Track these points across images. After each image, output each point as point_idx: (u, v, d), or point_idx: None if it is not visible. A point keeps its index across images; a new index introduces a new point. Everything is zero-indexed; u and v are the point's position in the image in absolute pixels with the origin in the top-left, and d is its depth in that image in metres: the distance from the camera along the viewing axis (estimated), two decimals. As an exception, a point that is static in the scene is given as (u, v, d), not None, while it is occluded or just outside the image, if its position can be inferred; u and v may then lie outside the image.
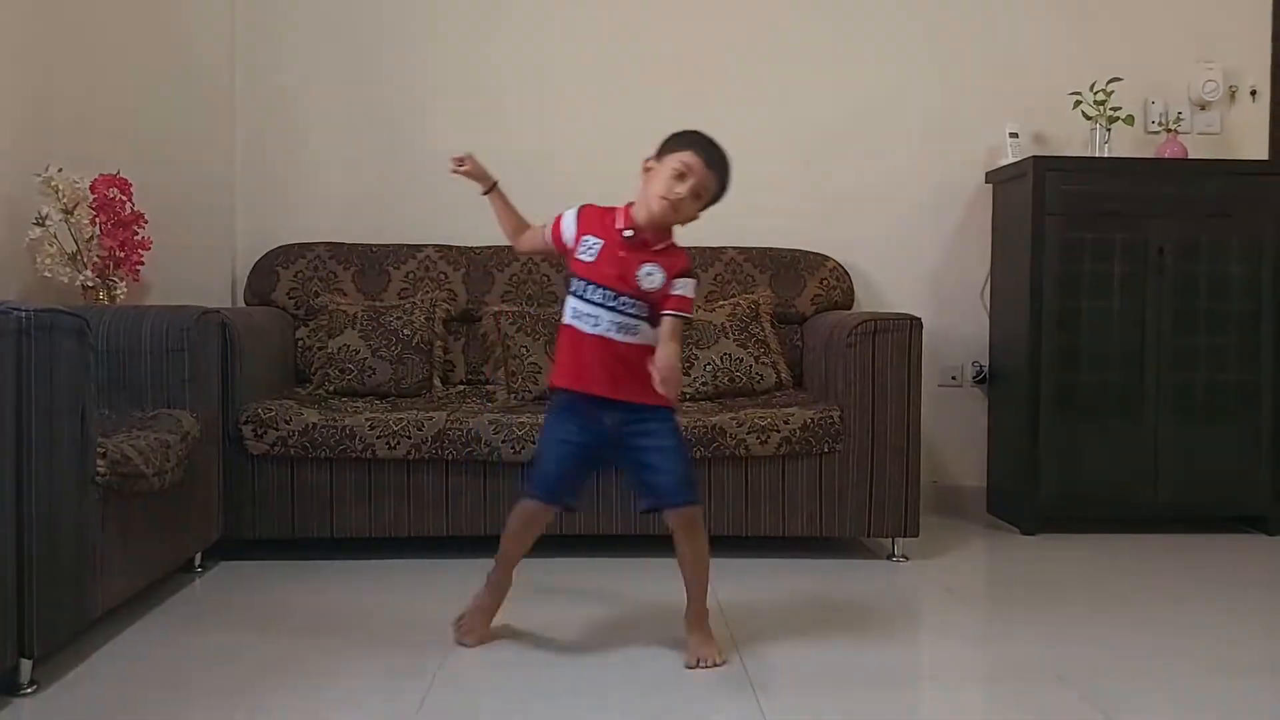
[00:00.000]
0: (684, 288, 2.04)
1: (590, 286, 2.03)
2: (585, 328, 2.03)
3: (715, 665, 2.07)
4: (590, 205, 2.11)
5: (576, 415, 2.07)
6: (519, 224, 2.20)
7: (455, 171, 2.17)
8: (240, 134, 3.51)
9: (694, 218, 2.08)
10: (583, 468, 2.12)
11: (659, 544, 2.71)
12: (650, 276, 2.03)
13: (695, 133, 2.07)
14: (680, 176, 2.01)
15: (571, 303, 2.07)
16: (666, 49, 3.57)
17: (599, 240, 2.05)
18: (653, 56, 3.57)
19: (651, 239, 2.05)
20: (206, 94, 3.46)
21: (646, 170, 2.07)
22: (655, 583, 2.39)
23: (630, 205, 2.07)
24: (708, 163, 2.03)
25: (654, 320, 2.04)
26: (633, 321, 2.03)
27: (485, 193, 2.19)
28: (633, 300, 2.02)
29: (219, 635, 2.29)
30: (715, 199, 2.08)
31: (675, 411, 2.12)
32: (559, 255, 2.16)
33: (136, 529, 2.25)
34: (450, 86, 3.57)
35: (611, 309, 2.02)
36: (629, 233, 2.03)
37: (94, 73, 3.39)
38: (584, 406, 2.06)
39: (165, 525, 2.41)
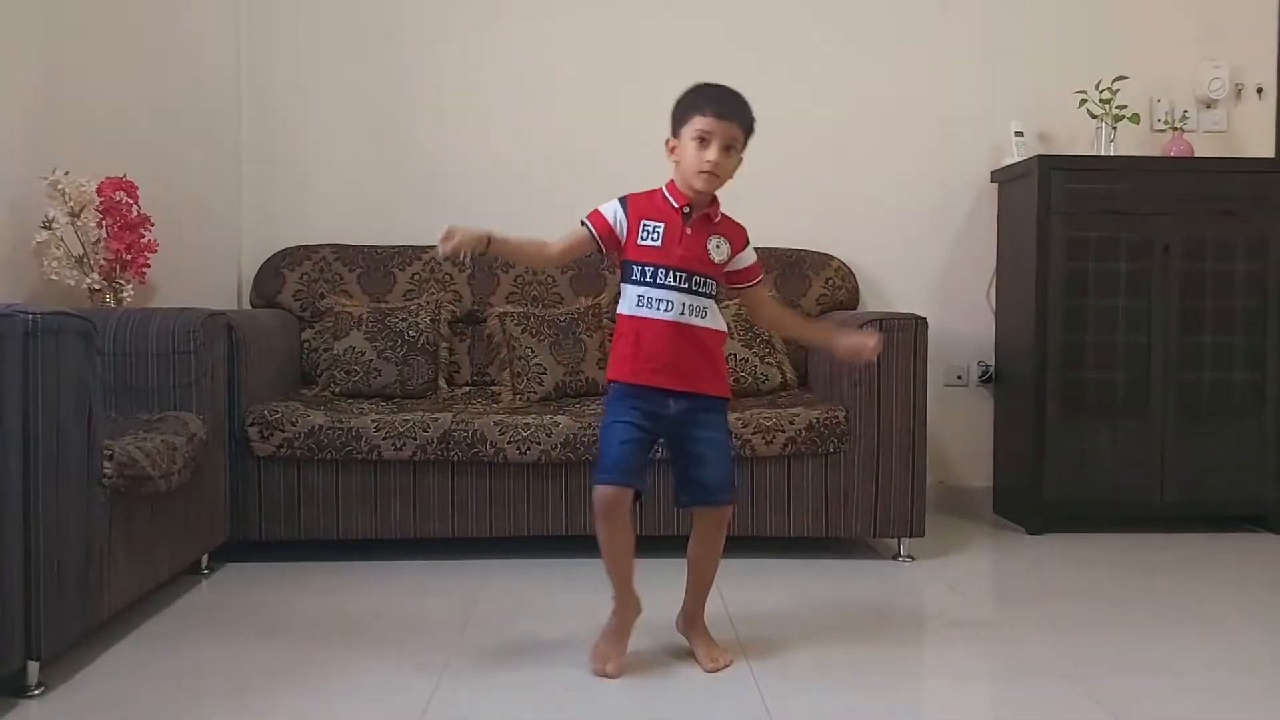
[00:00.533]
0: (751, 255, 2.11)
1: (661, 270, 1.98)
2: (656, 314, 1.98)
3: (728, 665, 2.08)
4: (631, 194, 2.06)
5: (640, 401, 2.01)
6: (536, 248, 2.09)
7: (446, 256, 1.97)
8: (246, 136, 3.52)
9: (738, 165, 2.04)
10: (644, 453, 2.05)
11: (659, 545, 2.71)
12: (719, 249, 2.03)
13: (695, 91, 2.02)
14: (703, 142, 1.97)
15: (635, 290, 2.00)
16: (672, 49, 3.57)
17: (659, 223, 2.01)
18: (658, 56, 3.56)
19: (711, 212, 2.04)
20: (212, 97, 3.47)
21: (671, 150, 2.03)
22: (657, 583, 2.38)
23: (670, 184, 2.04)
24: (721, 115, 1.98)
25: (718, 296, 2.05)
26: (704, 302, 2.01)
27: (484, 252, 2.02)
28: (705, 278, 2.01)
29: (226, 637, 2.30)
30: (749, 138, 2.05)
31: (729, 404, 2.11)
32: (606, 253, 2.10)
33: (143, 531, 2.25)
34: (456, 88, 3.58)
35: (686, 290, 1.99)
36: (688, 210, 2.01)
37: (100, 76, 3.40)
38: (648, 395, 2.01)
39: (172, 527, 2.41)
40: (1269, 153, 3.66)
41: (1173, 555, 3.09)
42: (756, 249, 2.12)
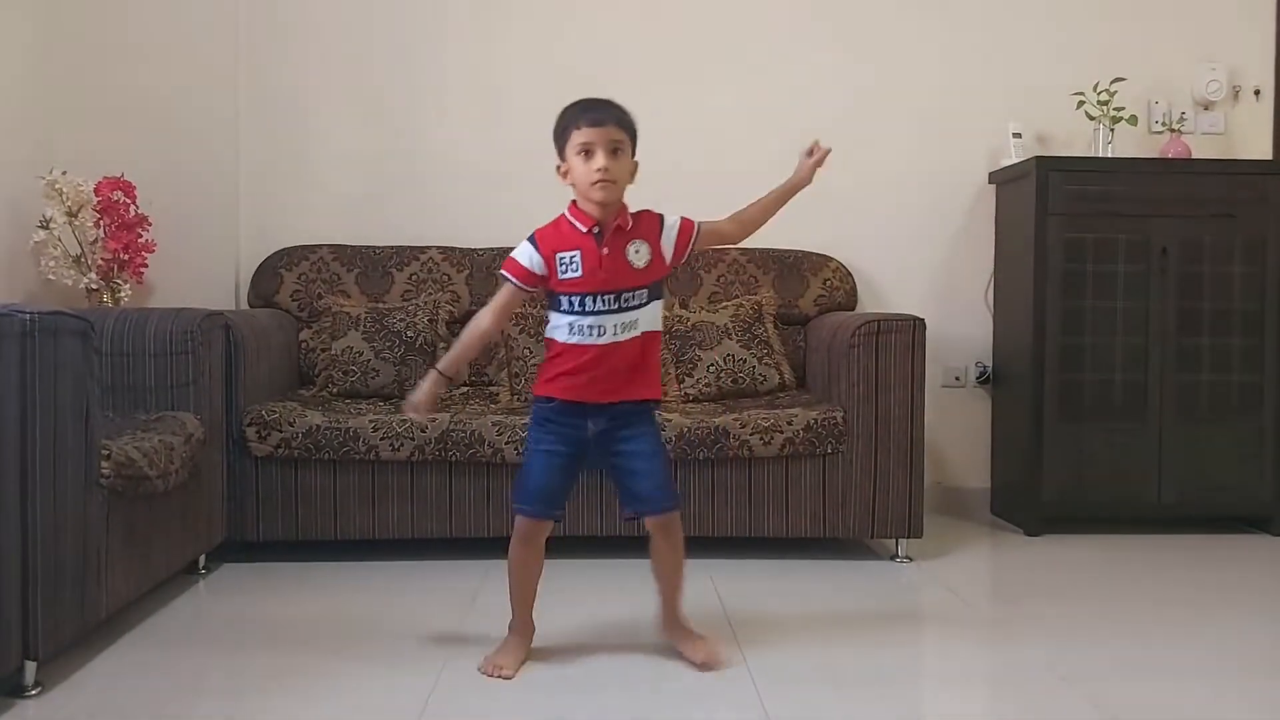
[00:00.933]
0: (671, 226, 2.05)
1: (588, 298, 1.98)
2: (589, 340, 1.99)
3: (719, 654, 2.08)
4: (537, 229, 2.05)
5: (560, 425, 2.04)
6: (477, 336, 2.10)
7: (414, 415, 2.17)
8: (244, 136, 3.52)
9: (635, 168, 2.03)
10: (569, 478, 2.09)
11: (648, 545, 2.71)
12: (639, 254, 2.01)
13: (565, 110, 2.02)
14: (587, 154, 1.96)
15: (565, 319, 2.00)
16: (671, 49, 3.57)
17: (573, 251, 1.99)
18: (658, 57, 3.57)
19: (620, 223, 2.01)
20: (211, 97, 3.47)
21: (564, 175, 2.02)
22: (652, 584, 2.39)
23: (572, 206, 2.03)
24: (595, 122, 1.97)
25: (651, 297, 2.02)
26: (634, 315, 2.00)
27: (450, 383, 2.10)
28: (634, 291, 2.00)
29: (222, 638, 2.29)
30: (634, 137, 2.02)
31: (659, 405, 2.10)
32: (532, 297, 2.13)
33: (140, 531, 2.25)
34: (455, 88, 3.58)
35: (616, 310, 1.99)
36: (596, 230, 1.99)
37: (98, 76, 3.41)
38: (568, 415, 2.03)
39: (169, 527, 2.41)
40: (1267, 154, 3.66)
41: (1170, 557, 3.09)
42: (756, 250, 2.13)
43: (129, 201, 3.19)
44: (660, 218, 2.07)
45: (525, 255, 2.04)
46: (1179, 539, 3.26)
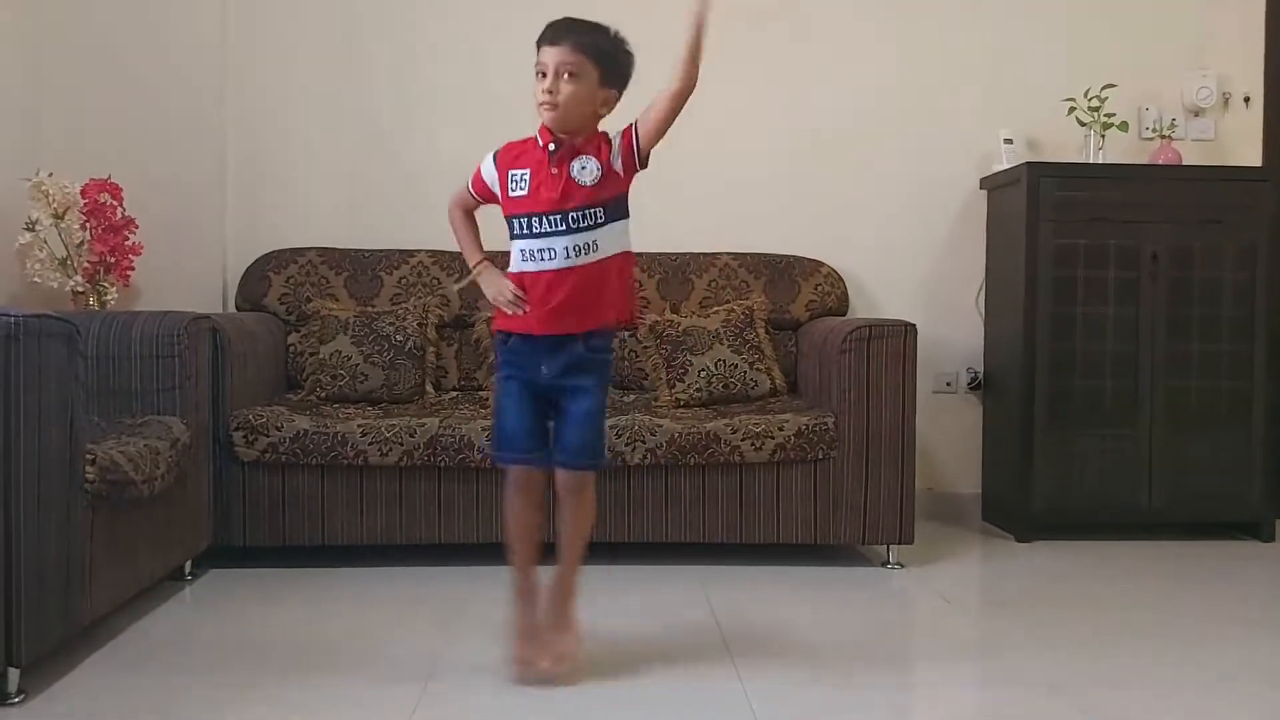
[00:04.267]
0: (616, 138, 1.95)
1: (535, 218, 1.93)
2: (540, 266, 1.93)
3: (563, 672, 1.98)
4: (508, 143, 2.02)
5: (517, 369, 1.99)
6: (463, 222, 2.14)
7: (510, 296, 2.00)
8: (231, 138, 3.50)
9: (601, 98, 1.95)
10: (537, 419, 2.01)
11: (649, 551, 2.70)
12: (584, 170, 1.93)
13: (540, 34, 1.97)
14: (541, 75, 1.92)
15: (519, 245, 1.96)
16: (662, 57, 3.55)
17: (525, 170, 1.96)
18: (648, 63, 3.55)
19: (577, 143, 1.94)
20: (198, 99, 3.45)
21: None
22: (648, 592, 2.38)
23: (542, 125, 1.97)
24: (550, 42, 1.92)
25: (612, 215, 1.94)
26: (590, 235, 1.92)
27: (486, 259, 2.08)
28: (584, 210, 1.92)
29: (208, 645, 2.27)
30: (606, 64, 1.95)
31: (632, 329, 2.04)
32: (485, 205, 2.07)
33: (126, 536, 2.23)
34: (442, 91, 3.56)
35: (567, 231, 1.91)
36: (553, 146, 1.94)
37: (85, 78, 3.38)
38: (526, 357, 1.98)
39: (155, 533, 2.39)
40: (1256, 161, 3.68)
41: (1160, 563, 3.09)
42: (747, 254, 2.10)
43: (116, 204, 3.16)
44: (605, 135, 1.98)
45: (486, 168, 2.04)
46: (1169, 545, 3.27)
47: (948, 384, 3.67)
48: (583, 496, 2.04)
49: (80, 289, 3.11)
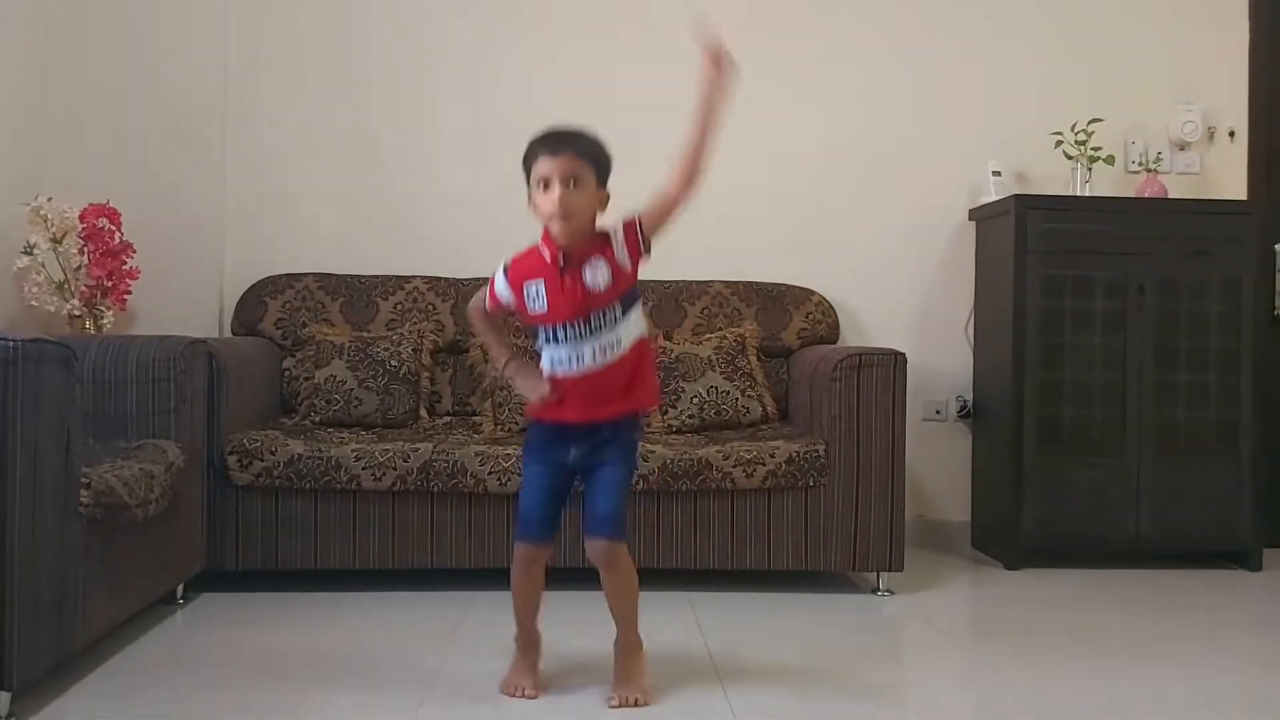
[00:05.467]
0: (618, 233, 1.96)
1: (557, 329, 1.98)
2: (571, 370, 1.99)
3: (636, 705, 2.01)
4: (514, 256, 2.06)
5: (547, 451, 2.05)
6: (488, 326, 2.17)
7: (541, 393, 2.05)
8: (230, 165, 3.53)
9: (599, 200, 1.98)
10: (558, 502, 2.08)
11: (640, 576, 2.69)
12: (596, 275, 1.96)
13: (533, 140, 1.99)
14: (545, 186, 1.94)
15: (547, 353, 2.02)
16: (654, 84, 3.60)
17: (539, 281, 1.99)
18: (642, 91, 3.59)
19: (586, 250, 1.97)
20: (197, 125, 3.49)
21: (532, 206, 1.99)
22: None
23: (545, 233, 2.00)
24: (553, 152, 1.94)
25: (627, 309, 1.98)
26: (613, 334, 1.97)
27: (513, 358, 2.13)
28: (604, 312, 1.97)
29: (199, 670, 2.27)
30: (600, 167, 1.97)
31: (647, 419, 2.10)
32: (512, 318, 2.15)
33: (119, 560, 2.23)
34: (441, 118, 3.60)
35: (590, 335, 1.97)
36: (562, 260, 1.97)
37: (85, 103, 3.42)
38: (554, 439, 2.04)
39: (148, 556, 2.39)
40: (1241, 194, 3.72)
41: (1149, 591, 3.10)
42: (739, 283, 2.11)
43: (114, 228, 3.18)
44: (607, 236, 1.99)
45: (499, 281, 2.07)
46: (1157, 574, 3.28)
47: (937, 412, 3.70)
48: (619, 568, 2.05)
49: (77, 313, 3.13)
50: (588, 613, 2.25)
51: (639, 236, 1.98)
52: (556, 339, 2.00)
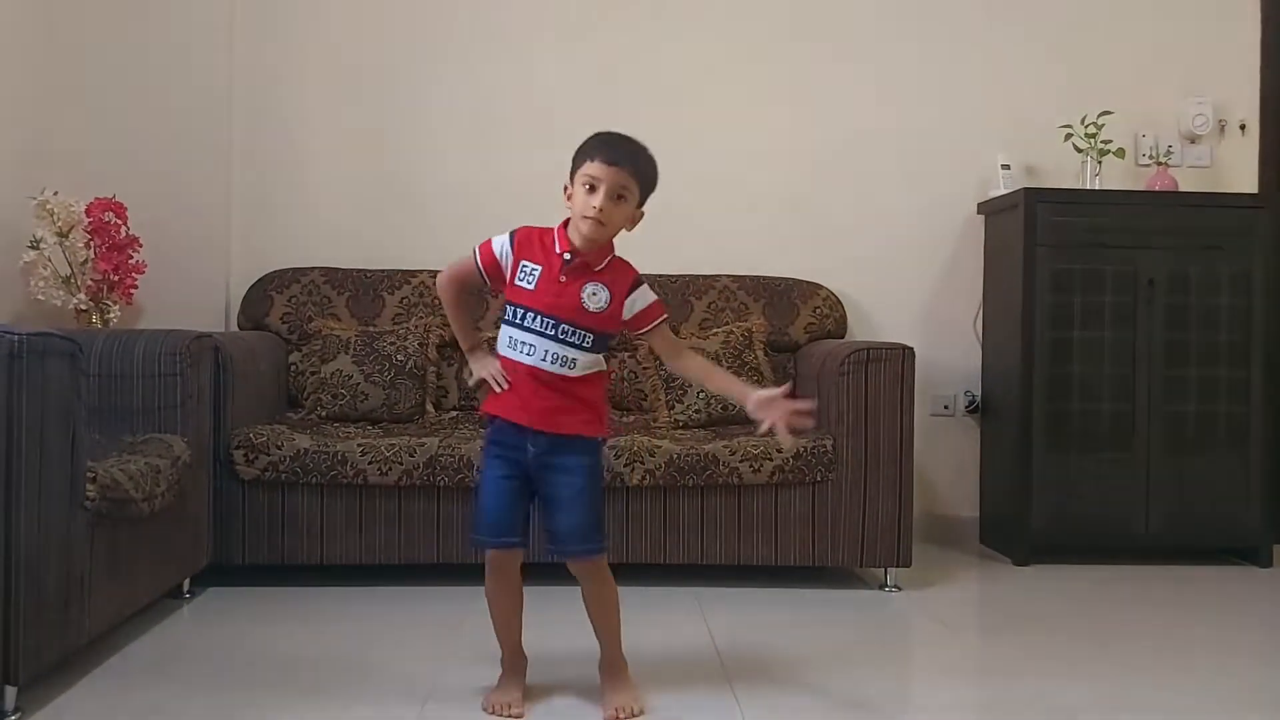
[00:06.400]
0: (646, 296, 1.98)
1: (529, 314, 1.93)
2: (521, 358, 1.93)
3: (634, 715, 1.96)
4: (525, 227, 2.01)
5: (504, 448, 1.98)
6: (452, 306, 2.14)
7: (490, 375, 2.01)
8: (237, 158, 3.52)
9: (634, 219, 1.97)
10: (518, 503, 1.99)
11: (647, 572, 2.70)
12: (595, 296, 1.93)
13: (596, 137, 1.97)
14: (591, 189, 1.91)
15: (507, 331, 1.96)
16: (662, 78, 3.60)
17: (537, 266, 1.95)
18: (649, 85, 3.59)
19: (592, 259, 1.95)
20: (204, 118, 3.48)
21: (568, 196, 1.97)
22: (644, 613, 2.38)
23: (565, 224, 1.97)
24: (610, 161, 1.92)
25: (596, 347, 1.95)
26: (573, 353, 1.92)
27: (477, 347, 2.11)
28: (574, 328, 1.92)
29: (205, 665, 2.27)
30: (646, 189, 1.97)
31: (603, 443, 2.04)
32: (483, 284, 2.07)
33: (125, 554, 2.23)
34: (448, 112, 3.59)
35: (552, 338, 1.92)
36: (568, 256, 1.94)
37: (91, 97, 3.41)
38: (511, 436, 1.97)
39: (154, 551, 2.39)
40: (1252, 188, 3.70)
41: (1158, 588, 3.09)
42: (746, 277, 2.09)
43: (120, 222, 3.18)
44: (636, 277, 1.99)
45: (500, 245, 2.00)
46: (1166, 570, 3.26)
47: (945, 407, 3.68)
48: (597, 579, 2.01)
49: (83, 307, 3.12)
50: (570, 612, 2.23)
51: (652, 324, 2.00)
52: (522, 322, 1.94)
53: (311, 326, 3.31)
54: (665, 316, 2.02)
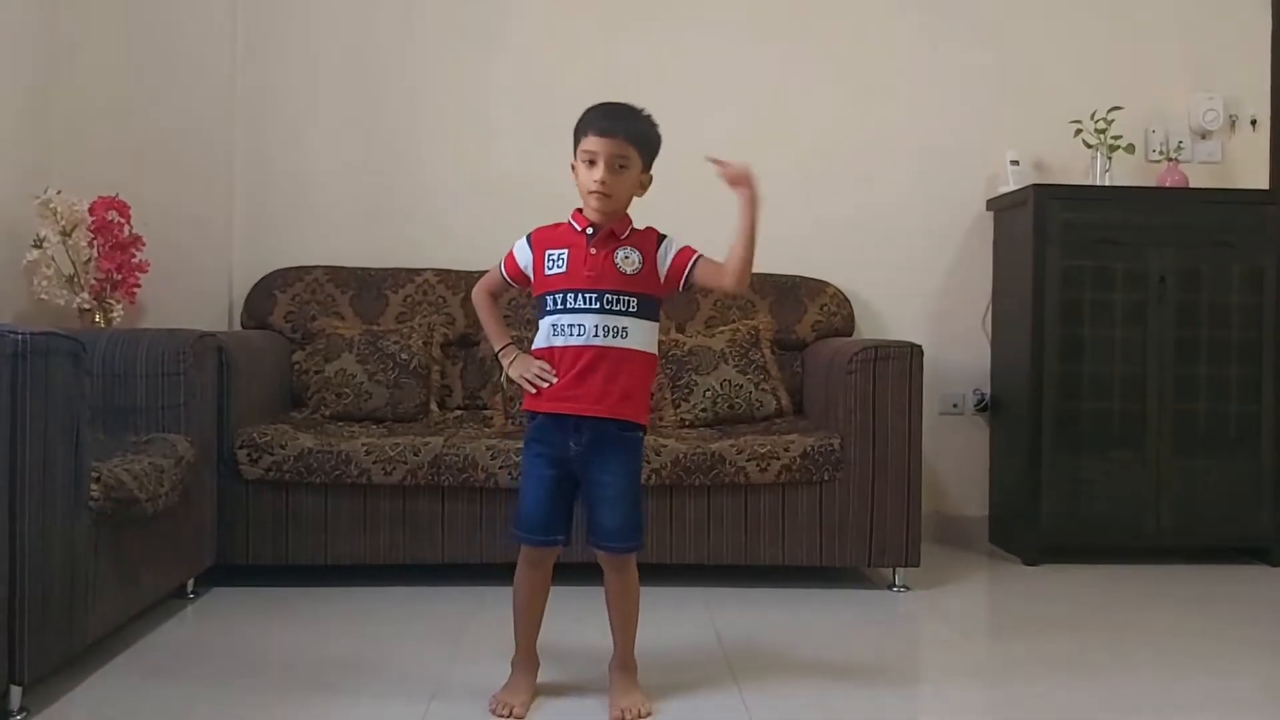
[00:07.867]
0: (673, 245, 1.99)
1: (570, 295, 1.94)
2: (571, 340, 1.93)
3: (641, 717, 1.95)
4: (538, 228, 2.04)
5: (546, 445, 1.98)
6: (488, 308, 2.15)
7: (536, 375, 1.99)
8: (239, 157, 3.51)
9: (641, 183, 1.98)
10: (560, 500, 1.99)
11: (653, 572, 2.67)
12: (628, 259, 1.95)
13: (590, 110, 1.97)
14: (590, 163, 1.93)
15: (549, 320, 1.96)
16: (667, 74, 3.58)
17: (564, 250, 1.96)
18: (654, 81, 3.56)
19: (616, 229, 1.96)
20: (207, 118, 3.47)
21: (574, 172, 1.98)
22: (651, 613, 2.34)
23: (576, 211, 2.00)
24: (604, 132, 1.92)
25: (644, 312, 1.95)
26: (622, 321, 1.93)
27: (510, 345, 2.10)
28: (618, 295, 1.93)
29: (210, 664, 2.26)
30: (647, 151, 1.97)
31: (644, 436, 2.04)
32: (520, 290, 2.12)
33: (129, 554, 2.22)
34: (449, 111, 3.58)
35: (599, 310, 1.92)
36: (591, 230, 1.95)
37: (94, 95, 3.40)
38: (553, 433, 1.96)
39: (158, 551, 2.38)
40: (1263, 184, 3.67)
41: (1169, 587, 3.06)
42: (753, 274, 2.08)
43: (123, 221, 3.17)
44: (656, 234, 2.02)
45: (521, 246, 2.04)
46: (1177, 569, 3.24)
47: (954, 406, 3.66)
48: (624, 574, 2.02)
49: (87, 306, 3.11)
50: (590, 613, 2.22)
51: (687, 267, 1.99)
52: (564, 305, 1.94)
53: (315, 325, 3.29)
54: (699, 254, 2.01)
